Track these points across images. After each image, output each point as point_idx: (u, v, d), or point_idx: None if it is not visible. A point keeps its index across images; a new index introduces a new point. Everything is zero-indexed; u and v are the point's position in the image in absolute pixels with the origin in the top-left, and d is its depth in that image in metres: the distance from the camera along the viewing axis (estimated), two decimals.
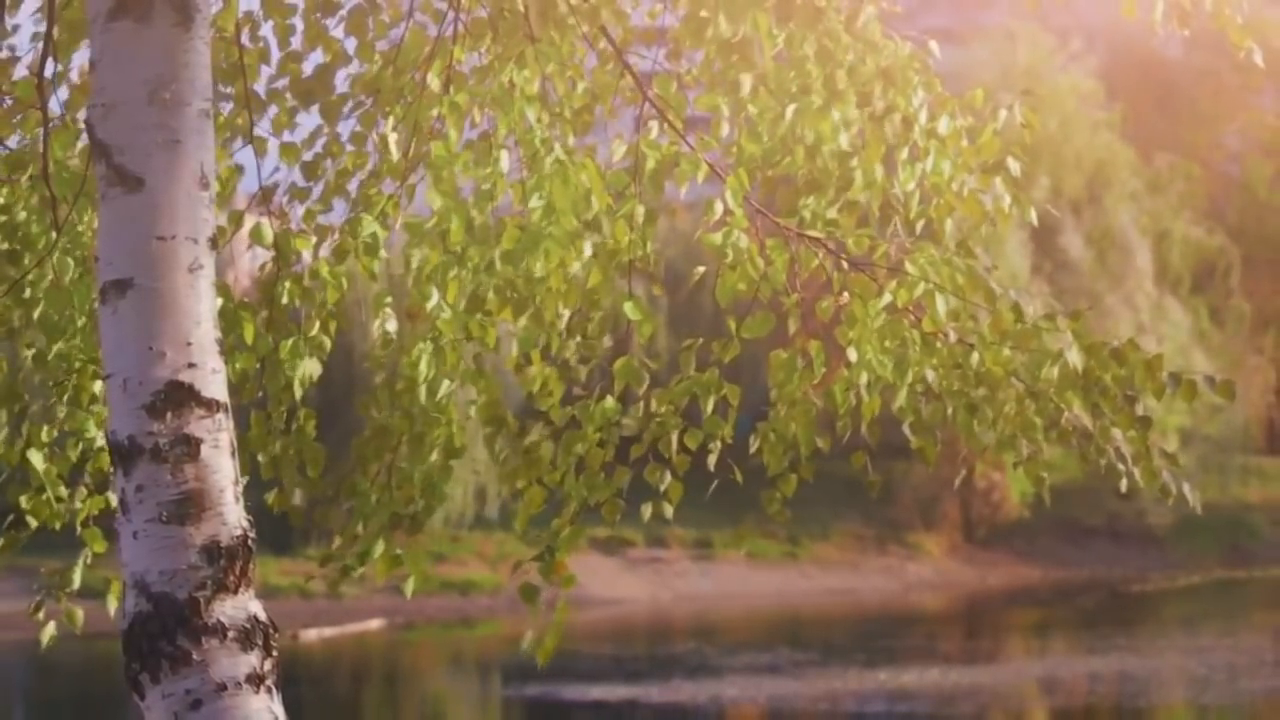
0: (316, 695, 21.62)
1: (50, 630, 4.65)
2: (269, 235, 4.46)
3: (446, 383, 4.54)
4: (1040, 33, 41.43)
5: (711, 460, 4.50)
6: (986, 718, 19.50)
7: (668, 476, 4.46)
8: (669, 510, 4.46)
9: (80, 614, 4.64)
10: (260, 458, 4.48)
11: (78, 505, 4.59)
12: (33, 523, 4.59)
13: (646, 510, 4.46)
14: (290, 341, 4.48)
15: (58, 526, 4.60)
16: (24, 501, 4.56)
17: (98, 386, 4.56)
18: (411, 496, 4.55)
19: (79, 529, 4.59)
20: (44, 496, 4.58)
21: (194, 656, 3.17)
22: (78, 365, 4.57)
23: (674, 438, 4.44)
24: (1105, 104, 42.60)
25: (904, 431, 4.61)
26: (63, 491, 4.58)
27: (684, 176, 4.49)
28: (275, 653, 3.26)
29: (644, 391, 4.45)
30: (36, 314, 4.53)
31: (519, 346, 4.49)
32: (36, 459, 4.55)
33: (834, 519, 36.72)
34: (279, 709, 3.24)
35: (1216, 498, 36.74)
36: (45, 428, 4.58)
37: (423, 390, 4.54)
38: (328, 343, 4.59)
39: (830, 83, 4.46)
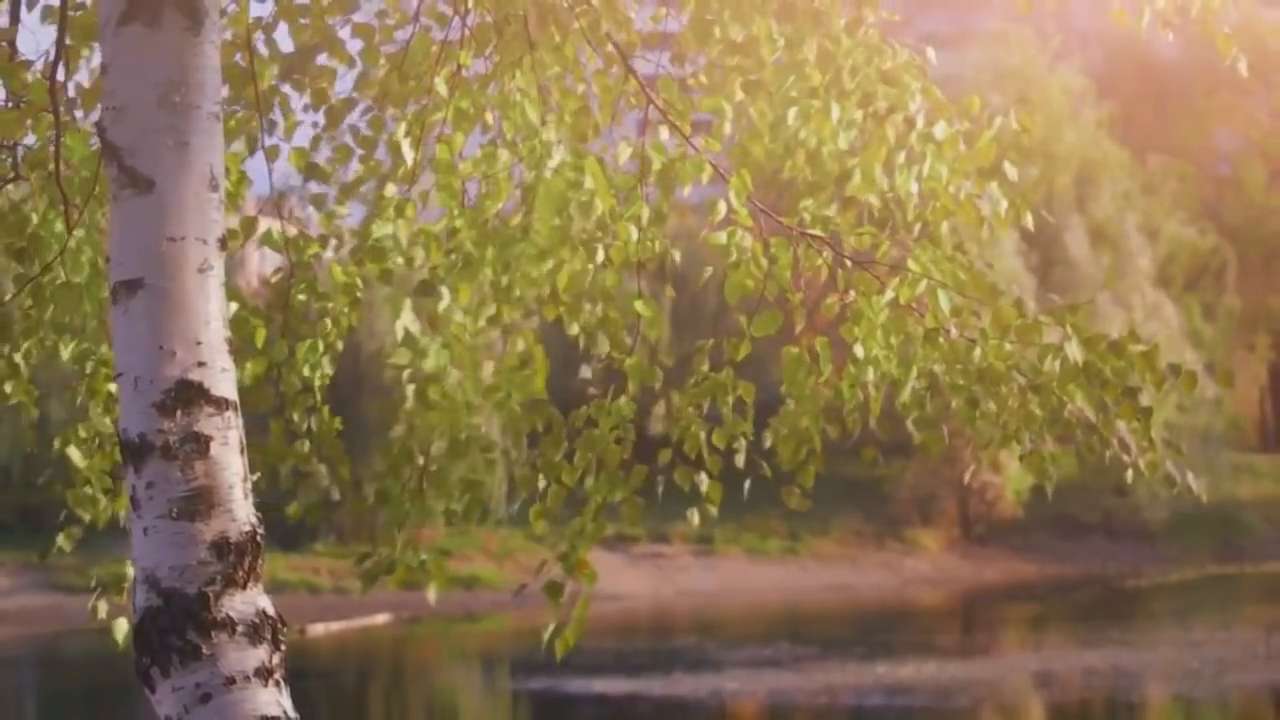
0: (324, 689, 21.68)
1: (123, 626, 4.63)
2: (280, 240, 4.50)
3: (455, 373, 4.58)
4: (1031, 35, 41.53)
5: (739, 458, 4.54)
6: (983, 711, 19.54)
7: (704, 479, 4.49)
8: (713, 511, 4.49)
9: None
10: (282, 470, 4.51)
11: (112, 500, 4.61)
12: (85, 517, 4.61)
13: (693, 516, 4.50)
14: (307, 343, 4.51)
15: (101, 523, 4.63)
16: (70, 498, 4.58)
17: (113, 385, 4.61)
18: (450, 495, 4.57)
19: (125, 524, 4.60)
20: (87, 492, 4.60)
21: (203, 650, 3.19)
22: (89, 367, 4.61)
23: (703, 439, 4.48)
24: (1096, 103, 42.70)
25: (903, 429, 4.66)
26: (110, 485, 4.60)
27: (688, 178, 4.54)
28: (283, 647, 3.28)
29: (660, 389, 4.49)
30: (49, 314, 4.57)
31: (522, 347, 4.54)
32: (75, 455, 4.57)
33: (833, 515, 36.76)
34: (287, 702, 3.25)
35: (1208, 495, 36.70)
36: (81, 424, 4.60)
37: (451, 387, 4.58)
38: (340, 345, 4.63)
39: (837, 83, 4.50)
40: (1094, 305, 36.61)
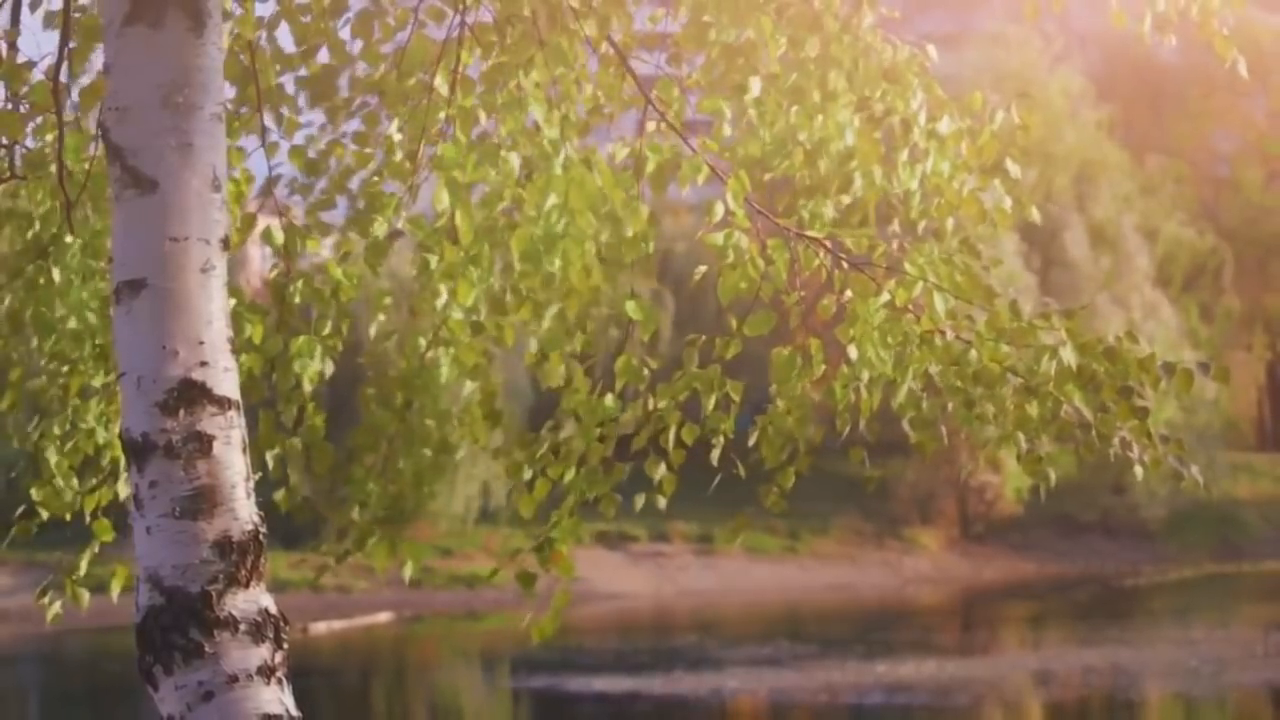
0: (326, 687, 21.71)
1: (56, 609, 4.72)
2: (279, 237, 4.53)
3: (469, 384, 4.61)
4: (1031, 35, 41.57)
5: (714, 455, 4.58)
6: (982, 709, 19.56)
7: (663, 469, 4.53)
8: (662, 502, 4.54)
9: (86, 595, 4.70)
10: (268, 456, 4.55)
11: (85, 496, 4.66)
12: (44, 514, 4.66)
13: (639, 501, 4.56)
14: (301, 339, 4.54)
15: (68, 517, 4.68)
16: (35, 493, 4.64)
17: (95, 382, 4.65)
18: (402, 492, 4.62)
19: (88, 520, 4.66)
20: (55, 487, 4.65)
21: (206, 649, 3.22)
22: (67, 366, 4.64)
23: (671, 431, 4.52)
24: (1095, 104, 42.77)
25: (902, 428, 4.69)
26: (74, 483, 4.65)
27: (685, 178, 4.56)
28: (286, 645, 3.30)
29: (644, 389, 4.52)
30: (29, 312, 4.60)
31: (544, 345, 4.57)
32: (49, 451, 4.62)
33: (833, 514, 36.80)
34: (289, 700, 3.28)
35: (1206, 493, 36.81)
36: (57, 419, 4.65)
37: (435, 392, 4.61)
38: (339, 343, 4.65)
39: (823, 84, 4.52)
40: (1092, 307, 36.64)
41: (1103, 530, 39.29)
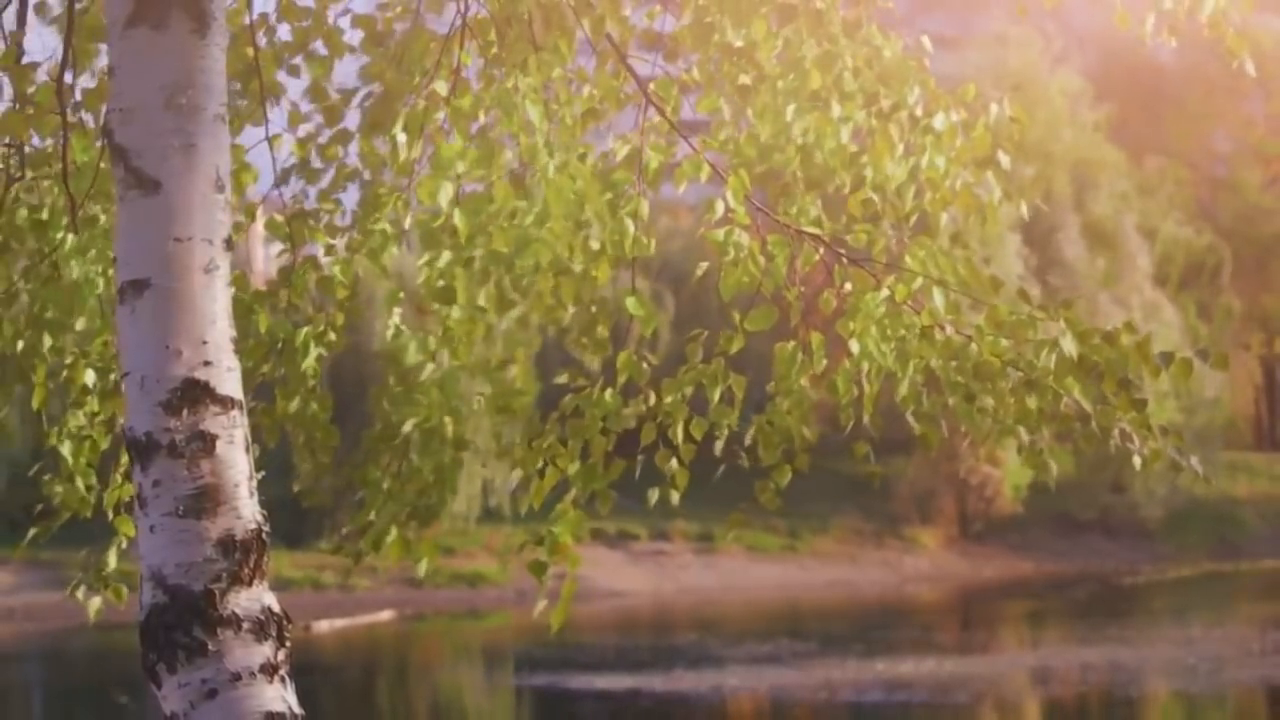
0: (329, 685, 21.74)
1: (96, 604, 4.74)
2: (283, 229, 4.56)
3: (430, 366, 4.64)
4: (1031, 37, 41.59)
5: (718, 446, 4.61)
6: (981, 707, 19.59)
7: (674, 463, 4.57)
8: (675, 496, 4.58)
9: (125, 590, 4.72)
10: (289, 427, 4.59)
11: (105, 492, 4.69)
12: (64, 512, 4.69)
13: (653, 495, 4.59)
14: (303, 332, 4.58)
15: (89, 515, 4.71)
16: (56, 490, 4.66)
17: (90, 378, 4.68)
18: (423, 489, 4.65)
19: (111, 516, 4.68)
20: (75, 485, 4.67)
21: (210, 647, 3.23)
22: (69, 360, 4.67)
23: (680, 426, 4.55)
24: (1094, 104, 42.82)
25: (902, 426, 4.71)
26: (93, 480, 4.68)
27: (685, 176, 4.59)
28: (288, 643, 3.32)
29: (645, 385, 4.55)
30: (37, 308, 4.62)
31: (503, 348, 4.60)
32: (66, 449, 4.64)
33: (833, 513, 36.85)
34: (292, 698, 3.29)
35: (1205, 492, 36.94)
36: (70, 418, 4.67)
37: (428, 380, 4.64)
38: (333, 335, 4.68)
39: (840, 84, 4.55)
40: (1092, 304, 36.64)
41: (1101, 529, 39.31)
